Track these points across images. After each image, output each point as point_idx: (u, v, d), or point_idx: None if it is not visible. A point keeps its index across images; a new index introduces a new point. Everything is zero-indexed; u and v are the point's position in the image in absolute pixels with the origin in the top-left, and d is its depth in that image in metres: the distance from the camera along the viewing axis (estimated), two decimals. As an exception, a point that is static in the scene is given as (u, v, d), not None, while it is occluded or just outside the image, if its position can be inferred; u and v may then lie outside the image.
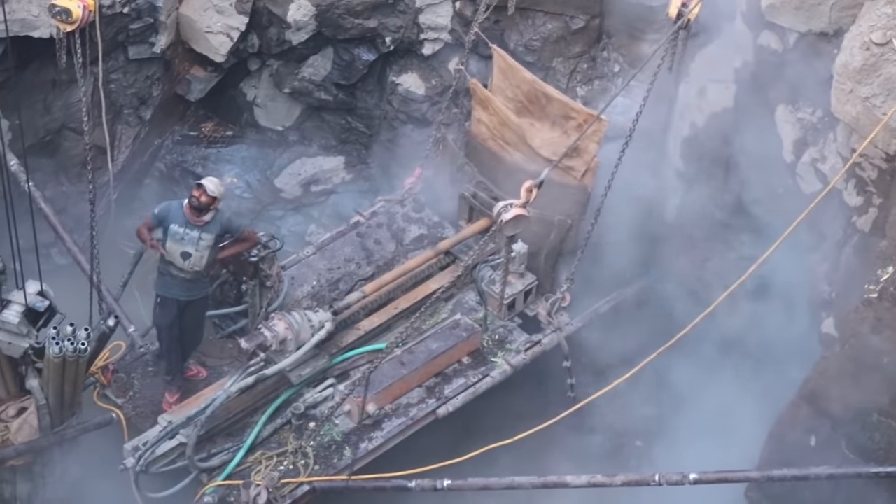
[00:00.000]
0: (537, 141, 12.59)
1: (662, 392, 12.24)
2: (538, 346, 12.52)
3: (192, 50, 15.21)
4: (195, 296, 11.61)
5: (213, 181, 11.17)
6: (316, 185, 15.97)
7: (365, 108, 15.81)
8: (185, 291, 11.49)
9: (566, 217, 12.48)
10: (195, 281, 11.47)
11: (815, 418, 10.26)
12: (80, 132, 12.47)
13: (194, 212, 11.04)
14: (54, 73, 13.91)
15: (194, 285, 11.50)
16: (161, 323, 11.68)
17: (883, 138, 9.92)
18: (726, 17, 12.31)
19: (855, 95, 10.16)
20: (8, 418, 11.66)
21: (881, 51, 9.99)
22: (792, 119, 11.30)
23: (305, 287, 12.85)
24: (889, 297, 9.67)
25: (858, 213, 10.58)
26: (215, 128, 16.12)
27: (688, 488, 10.08)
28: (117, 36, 14.33)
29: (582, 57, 14.36)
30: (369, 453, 11.50)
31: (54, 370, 11.14)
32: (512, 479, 10.91)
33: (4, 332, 11.09)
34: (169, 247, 11.20)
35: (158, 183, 15.58)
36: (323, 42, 15.20)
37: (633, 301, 12.95)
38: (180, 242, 11.16)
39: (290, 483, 11.07)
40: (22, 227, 10.85)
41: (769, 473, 10.21)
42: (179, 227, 11.13)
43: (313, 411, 11.66)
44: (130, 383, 12.10)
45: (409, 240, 13.50)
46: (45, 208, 12.67)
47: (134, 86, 15.03)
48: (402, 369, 11.86)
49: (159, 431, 11.23)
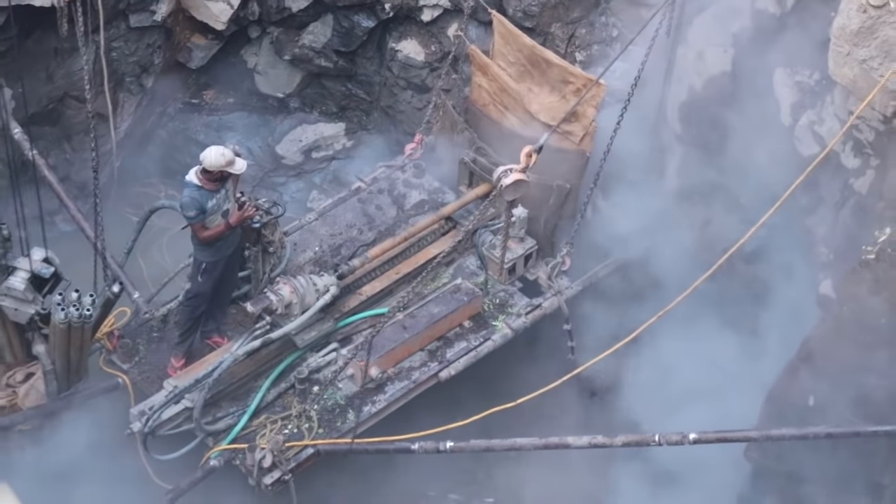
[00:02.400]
0: (536, 106, 12.57)
1: (662, 354, 12.24)
2: (539, 309, 12.53)
3: (193, 18, 15.17)
4: (237, 242, 11.64)
5: (209, 156, 11.00)
6: (317, 152, 15.98)
7: (365, 75, 15.80)
8: (232, 243, 11.52)
9: (565, 182, 12.46)
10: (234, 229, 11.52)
11: (813, 379, 10.26)
12: (83, 100, 12.47)
13: (212, 182, 10.97)
14: (56, 42, 13.87)
15: (234, 233, 11.50)
16: (205, 289, 11.62)
17: (880, 100, 9.91)
18: (724, -20, 12.31)
19: (852, 58, 10.13)
20: (15, 383, 11.76)
21: (878, 13, 9.94)
22: (790, 82, 11.27)
23: (308, 252, 12.87)
24: (887, 258, 9.67)
25: (856, 176, 10.56)
26: (216, 95, 16.13)
27: (689, 448, 10.14)
28: (118, 4, 14.29)
29: (580, 22, 14.33)
30: (372, 416, 11.55)
31: (60, 336, 11.20)
32: (514, 441, 10.97)
33: (10, 298, 11.16)
34: (215, 220, 11.14)
35: (161, 150, 15.60)
36: (322, 9, 15.19)
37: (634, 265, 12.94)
38: (218, 210, 11.13)
39: (295, 446, 11.13)
40: (26, 195, 10.90)
41: (768, 433, 10.25)
42: (212, 202, 11.05)
43: (317, 375, 11.69)
44: (136, 349, 12.13)
45: (409, 205, 13.52)
46: (48, 176, 12.67)
47: (135, 54, 15.01)
48: (404, 333, 11.89)
49: (165, 396, 11.27)
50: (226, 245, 11.44)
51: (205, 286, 11.61)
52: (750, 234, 10.25)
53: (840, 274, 10.42)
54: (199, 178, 10.98)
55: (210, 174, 10.92)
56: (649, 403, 12.06)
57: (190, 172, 11.07)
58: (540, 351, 12.71)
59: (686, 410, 11.49)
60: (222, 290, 11.91)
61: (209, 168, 10.87)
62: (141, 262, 12.63)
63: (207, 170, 10.89)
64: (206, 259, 11.43)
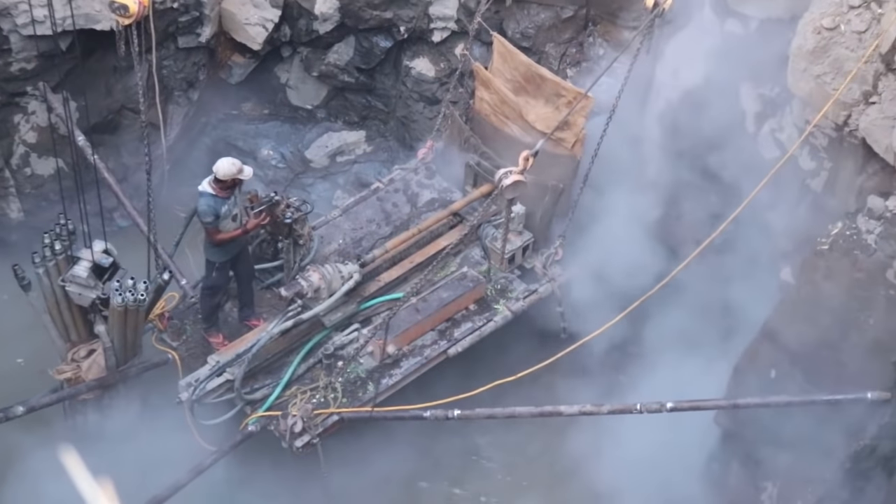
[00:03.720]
0: (532, 116, 12.54)
1: (644, 333, 12.25)
2: (535, 294, 12.54)
3: (233, 39, 15.16)
4: (243, 243, 11.64)
5: (222, 167, 10.98)
6: (341, 157, 15.95)
7: (383, 89, 15.78)
8: (238, 244, 11.51)
9: (558, 182, 12.44)
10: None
11: (774, 354, 10.30)
12: (137, 112, 12.51)
13: (224, 190, 10.99)
14: (114, 61, 13.89)
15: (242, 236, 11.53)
16: (217, 283, 11.67)
17: (833, 111, 9.95)
18: (696, 6, 12.27)
19: (808, 74, 10.17)
20: (80, 358, 11.76)
21: (831, 35, 9.98)
22: (754, 95, 11.28)
23: (333, 245, 12.84)
24: (838, 249, 9.70)
25: (812, 176, 10.60)
26: (253, 107, 16.09)
27: (666, 416, 10.18)
28: (168, 28, 14.31)
29: (571, 42, 14.30)
30: (390, 388, 11.55)
31: (118, 317, 11.23)
32: (513, 409, 10.99)
33: (75, 284, 11.17)
34: (226, 224, 11.15)
35: (205, 155, 15.56)
36: (346, 31, 15.16)
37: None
38: (229, 215, 11.13)
39: (322, 414, 11.15)
40: (88, 195, 10.91)
41: (735, 402, 10.32)
42: (224, 208, 11.04)
43: (341, 352, 11.69)
44: (183, 328, 12.14)
45: (421, 203, 13.49)
46: (108, 177, 12.70)
47: (183, 71, 15.02)
48: (417, 315, 11.91)
49: (209, 369, 11.31)
50: (233, 246, 11.43)
51: (217, 281, 11.64)
52: (723, 227, 10.27)
53: (798, 262, 10.45)
54: (213, 188, 10.96)
55: (223, 183, 10.91)
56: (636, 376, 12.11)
57: (203, 183, 11.04)
58: (536, 330, 12.73)
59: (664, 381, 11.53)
60: (242, 281, 11.92)
61: (222, 178, 10.87)
62: (188, 253, 12.64)
63: (220, 179, 10.91)
64: (217, 259, 11.45)
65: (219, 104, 15.78)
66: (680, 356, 11.72)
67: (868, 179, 9.80)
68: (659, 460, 11.39)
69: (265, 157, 15.77)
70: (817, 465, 9.77)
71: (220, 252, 11.37)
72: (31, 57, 13.60)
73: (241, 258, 11.69)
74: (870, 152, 9.75)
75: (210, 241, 11.31)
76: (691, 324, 11.77)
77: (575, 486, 12.07)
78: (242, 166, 11.04)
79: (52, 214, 12.11)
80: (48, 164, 14.27)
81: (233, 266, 11.65)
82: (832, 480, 9.66)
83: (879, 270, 9.39)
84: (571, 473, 12.17)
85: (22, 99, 14.12)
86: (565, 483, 12.27)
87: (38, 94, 13.96)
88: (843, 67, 9.89)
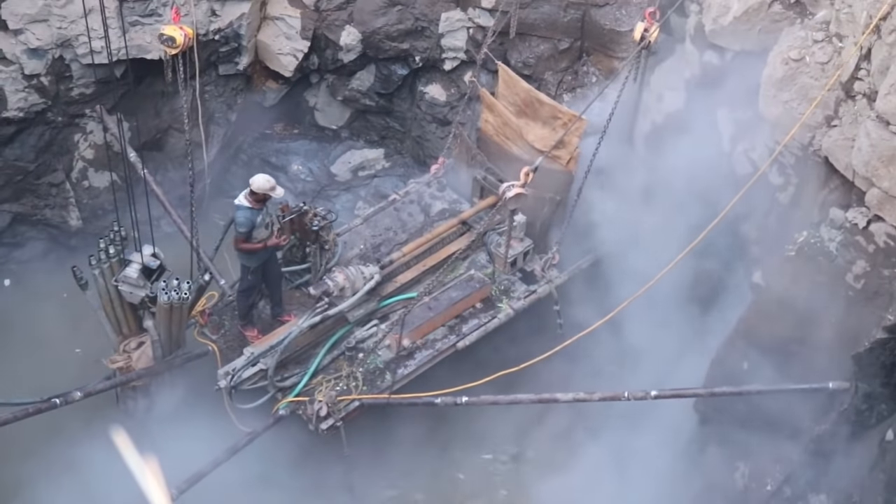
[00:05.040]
0: (532, 136, 12.56)
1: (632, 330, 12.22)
2: (534, 294, 12.52)
3: (267, 67, 15.21)
4: (271, 251, 11.59)
5: (258, 181, 11.01)
6: (362, 171, 15.98)
7: (399, 112, 15.80)
8: (268, 252, 11.46)
9: (555, 195, 12.45)
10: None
11: (747, 348, 10.27)
12: (182, 131, 12.58)
13: (257, 202, 10.99)
14: (162, 86, 13.92)
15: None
16: (251, 285, 11.67)
17: (799, 133, 9.93)
18: (678, 39, 12.29)
19: (777, 100, 10.17)
20: (131, 350, 11.84)
21: (797, 65, 9.98)
22: (729, 118, 11.25)
23: (355, 249, 12.85)
24: (803, 255, 9.68)
25: (780, 191, 10.57)
26: (285, 127, 16.12)
27: (650, 403, 10.17)
28: (210, 57, 14.38)
29: (567, 70, 14.31)
30: (405, 377, 11.55)
31: (164, 314, 11.27)
32: (515, 396, 10.99)
33: (126, 284, 11.23)
34: (260, 232, 11.15)
35: (242, 170, 15.59)
36: (367, 60, 15.18)
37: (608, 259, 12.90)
38: (262, 224, 11.13)
39: (344, 400, 11.16)
40: (139, 205, 10.98)
41: (712, 390, 10.31)
42: (259, 218, 11.05)
43: (362, 345, 11.72)
44: (222, 323, 12.16)
45: (434, 213, 13.50)
46: (156, 189, 12.72)
47: (223, 95, 15.09)
48: (429, 312, 11.90)
49: (245, 360, 11.32)
50: (263, 253, 11.38)
51: (251, 283, 11.64)
52: (702, 235, 10.24)
53: (768, 267, 10.44)
54: (248, 200, 10.96)
55: (256, 195, 10.92)
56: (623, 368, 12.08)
57: (239, 197, 11.05)
58: (535, 326, 12.73)
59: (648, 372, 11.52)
60: (272, 283, 11.90)
61: (256, 190, 10.88)
62: (226, 257, 12.65)
63: (255, 192, 10.91)
64: (250, 264, 11.45)
65: (254, 124, 15.80)
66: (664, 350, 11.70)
67: (830, 193, 9.78)
68: (644, 442, 11.40)
69: (295, 172, 15.79)
70: (785, 446, 9.76)
71: (252, 258, 11.38)
72: (89, 83, 13.70)
73: (270, 263, 11.69)
74: (831, 169, 9.73)
75: (236, 248, 11.33)
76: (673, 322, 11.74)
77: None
78: (276, 185, 11.05)
79: (107, 222, 12.22)
80: (103, 177, 14.33)
81: (263, 270, 11.64)
82: (798, 460, 9.64)
83: (840, 274, 9.37)
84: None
85: (81, 120, 14.20)
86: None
87: (95, 115, 14.06)
88: (808, 94, 9.88)
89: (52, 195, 14.44)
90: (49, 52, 13.32)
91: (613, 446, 11.61)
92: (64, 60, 13.48)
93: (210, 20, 14.14)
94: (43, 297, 13.73)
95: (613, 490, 11.30)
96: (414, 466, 12.26)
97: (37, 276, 14.33)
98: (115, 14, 11.86)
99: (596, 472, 11.52)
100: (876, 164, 8.91)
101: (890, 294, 9.03)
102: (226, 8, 14.20)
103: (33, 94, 13.54)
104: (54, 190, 14.43)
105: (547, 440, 12.54)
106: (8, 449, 11.48)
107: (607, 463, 11.55)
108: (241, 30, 14.37)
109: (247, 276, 11.57)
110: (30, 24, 13.11)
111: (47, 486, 10.94)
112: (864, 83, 9.32)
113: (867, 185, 9.14)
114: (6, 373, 12.51)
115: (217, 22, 14.20)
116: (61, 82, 13.66)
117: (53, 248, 14.66)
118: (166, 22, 11.39)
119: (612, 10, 13.68)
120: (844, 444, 9.24)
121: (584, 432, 12.11)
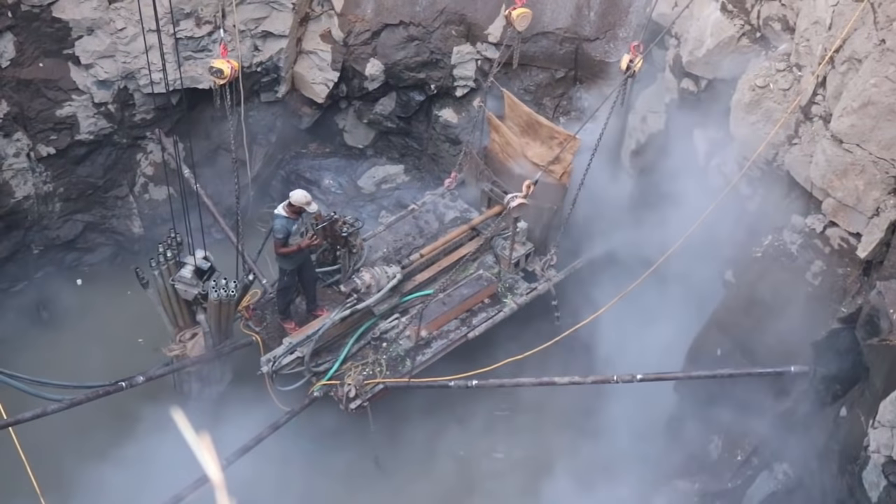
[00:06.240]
0: (531, 153, 12.59)
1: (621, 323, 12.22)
2: (535, 291, 12.54)
3: (303, 94, 15.21)
4: (306, 255, 11.61)
5: (296, 195, 11.00)
6: (385, 185, 15.95)
7: (417, 132, 15.80)
8: (303, 256, 11.46)
9: (552, 204, 12.49)
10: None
11: (720, 337, 10.32)
12: (229, 150, 12.60)
13: (294, 213, 10.99)
14: (212, 112, 14.07)
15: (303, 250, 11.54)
16: (288, 285, 11.65)
17: (764, 150, 9.98)
18: (659, 68, 12.32)
19: (745, 121, 10.21)
20: (186, 340, 11.91)
21: (763, 91, 10.03)
22: (704, 137, 11.26)
23: (379, 252, 12.84)
24: (769, 256, 9.74)
25: (748, 200, 10.59)
26: (318, 146, 16.13)
27: (636, 385, 10.21)
28: (253, 86, 14.46)
29: (562, 96, 14.32)
30: (423, 363, 11.56)
31: (214, 309, 11.36)
32: (518, 380, 11.03)
33: (182, 283, 11.32)
34: (295, 239, 11.11)
35: (281, 184, 15.63)
36: (389, 88, 15.19)
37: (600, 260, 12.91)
38: (297, 233, 11.12)
39: (370, 383, 11.21)
40: (192, 214, 11.07)
41: (690, 374, 10.35)
42: (294, 227, 11.04)
43: (385, 335, 11.75)
44: (264, 317, 12.18)
45: (447, 220, 13.49)
46: (207, 201, 12.85)
47: (264, 119, 15.14)
48: (444, 307, 11.94)
49: (284, 348, 11.35)
50: (298, 257, 11.38)
51: (289, 283, 11.62)
52: (682, 240, 10.30)
53: (738, 266, 10.46)
54: (286, 211, 10.97)
55: (293, 207, 10.92)
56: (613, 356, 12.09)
57: (279, 207, 11.05)
58: (536, 319, 12.78)
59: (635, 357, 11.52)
60: (307, 283, 11.88)
61: (294, 203, 10.89)
62: (267, 259, 12.72)
63: (292, 204, 10.92)
64: (288, 266, 11.44)
65: (291, 144, 15.85)
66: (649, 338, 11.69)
67: (791, 203, 9.81)
68: (630, 420, 11.42)
69: (327, 185, 15.83)
70: (752, 422, 9.78)
71: (289, 261, 11.39)
72: (149, 109, 13.82)
73: (305, 266, 11.71)
74: (793, 182, 9.77)
75: (275, 252, 11.35)
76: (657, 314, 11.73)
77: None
78: (311, 201, 11.03)
79: (164, 230, 12.29)
80: (161, 191, 14.45)
81: (299, 272, 11.67)
82: (764, 434, 9.66)
83: (800, 273, 9.41)
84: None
85: (142, 141, 14.32)
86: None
87: (154, 137, 14.16)
88: (772, 116, 9.94)
89: (117, 207, 14.57)
90: (115, 84, 13.46)
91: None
92: (128, 90, 13.62)
93: (253, 54, 14.24)
94: (110, 294, 13.86)
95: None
96: (432, 445, 12.26)
97: (105, 276, 14.47)
98: (172, 50, 11.96)
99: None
100: (831, 177, 8.96)
101: (843, 290, 9.07)
102: (267, 44, 14.29)
103: (102, 119, 13.69)
104: (119, 202, 14.56)
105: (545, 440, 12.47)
106: (83, 425, 11.59)
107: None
108: (279, 63, 14.45)
109: (283, 276, 11.60)
110: (99, 60, 13.26)
111: (116, 457, 11.01)
112: (820, 107, 9.38)
113: (823, 196, 9.19)
114: (79, 360, 12.62)
115: (259, 56, 14.30)
116: (125, 109, 13.80)
117: (119, 252, 14.78)
118: (216, 56, 11.53)
119: (602, 44, 13.72)
120: (804, 419, 9.25)
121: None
